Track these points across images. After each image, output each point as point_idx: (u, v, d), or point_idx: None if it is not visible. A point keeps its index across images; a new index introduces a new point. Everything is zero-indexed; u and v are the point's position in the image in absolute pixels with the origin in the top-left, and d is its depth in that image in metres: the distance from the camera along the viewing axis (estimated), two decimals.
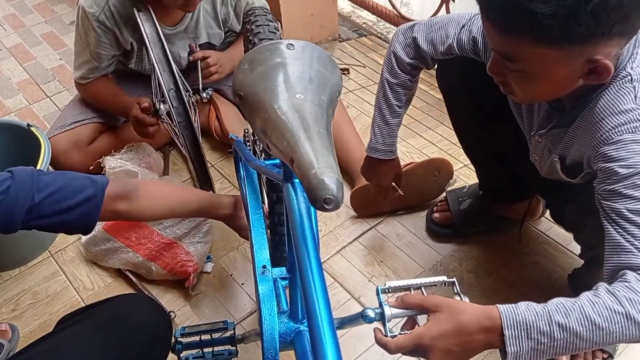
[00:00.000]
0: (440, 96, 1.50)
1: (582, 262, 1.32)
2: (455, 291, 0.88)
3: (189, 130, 1.51)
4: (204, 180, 1.60)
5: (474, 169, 1.71)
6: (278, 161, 1.01)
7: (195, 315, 1.45)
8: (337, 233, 1.65)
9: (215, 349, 1.19)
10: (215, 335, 1.19)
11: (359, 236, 1.64)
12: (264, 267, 0.99)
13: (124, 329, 0.95)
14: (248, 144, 1.32)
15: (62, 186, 0.92)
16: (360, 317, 0.86)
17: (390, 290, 0.88)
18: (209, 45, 1.77)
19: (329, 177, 0.63)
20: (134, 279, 1.52)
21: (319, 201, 0.63)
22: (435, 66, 1.34)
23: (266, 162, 1.09)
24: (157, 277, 1.50)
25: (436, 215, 1.61)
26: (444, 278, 0.89)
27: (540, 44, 0.84)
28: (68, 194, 0.92)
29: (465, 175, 1.78)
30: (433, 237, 1.62)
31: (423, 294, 0.88)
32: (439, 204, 1.64)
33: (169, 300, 1.49)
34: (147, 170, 1.64)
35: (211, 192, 1.69)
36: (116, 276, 1.55)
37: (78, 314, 1.00)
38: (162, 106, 1.54)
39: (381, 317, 0.85)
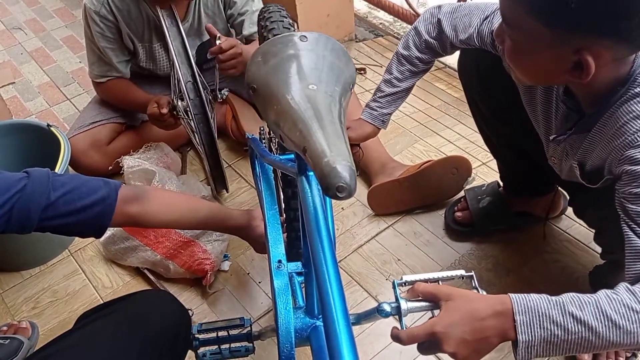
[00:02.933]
0: (459, 95, 1.50)
1: (603, 260, 1.29)
2: (473, 285, 0.87)
3: (204, 123, 1.51)
4: (217, 175, 1.60)
5: (492, 168, 1.70)
6: (292, 156, 1.01)
7: (212, 314, 1.45)
8: (354, 232, 1.64)
9: (232, 345, 1.19)
10: (232, 332, 1.19)
11: (376, 235, 1.63)
12: (280, 261, 0.99)
13: (146, 325, 0.94)
14: (263, 141, 1.32)
15: (77, 186, 0.93)
16: (377, 312, 0.85)
17: (406, 284, 0.87)
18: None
19: (341, 164, 0.62)
20: (152, 277, 1.52)
21: (332, 189, 0.62)
22: (455, 55, 1.33)
23: (280, 157, 1.08)
24: (175, 275, 1.50)
25: (458, 214, 1.59)
26: (462, 272, 0.88)
27: (532, 15, 0.84)
28: (83, 193, 0.93)
29: (483, 173, 1.76)
30: (451, 235, 1.60)
31: None
32: (458, 204, 1.62)
33: (186, 298, 1.49)
34: (165, 169, 1.64)
35: (225, 190, 1.69)
36: (134, 275, 1.55)
37: (98, 310, 0.99)
38: (179, 103, 1.55)
39: (397, 311, 0.84)
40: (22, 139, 1.66)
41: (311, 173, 0.85)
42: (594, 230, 1.22)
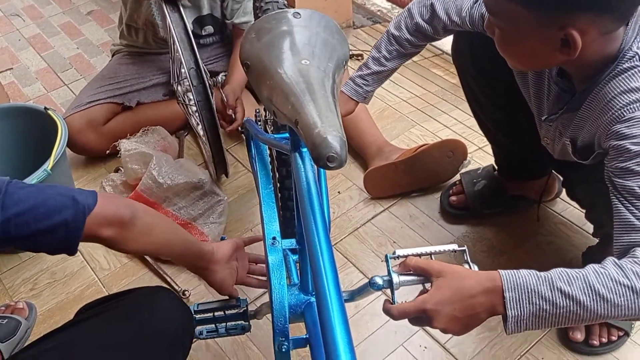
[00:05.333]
0: (456, 81, 1.51)
1: (597, 241, 1.30)
2: (465, 259, 0.88)
3: (207, 109, 1.51)
4: (219, 161, 1.61)
5: (488, 152, 1.70)
6: (287, 134, 1.02)
7: (209, 295, 1.46)
8: (351, 215, 1.65)
9: (228, 324, 1.20)
10: (229, 312, 1.20)
11: (372, 218, 1.64)
12: (274, 238, 1.00)
13: (141, 328, 0.91)
14: (259, 123, 1.33)
15: (35, 205, 0.79)
16: (369, 285, 0.86)
17: (399, 258, 0.88)
18: (211, 18, 1.79)
19: (332, 135, 0.63)
20: (149, 259, 1.53)
21: (322, 159, 0.63)
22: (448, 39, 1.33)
23: (275, 135, 1.09)
24: None
25: (453, 198, 1.60)
26: (454, 246, 0.89)
27: (511, 0, 0.86)
28: (40, 215, 0.79)
29: (479, 157, 1.76)
30: (447, 218, 1.61)
31: None
32: (454, 187, 1.63)
33: (183, 279, 1.50)
34: (162, 153, 1.65)
35: (225, 175, 1.70)
36: (132, 257, 1.56)
37: (99, 304, 0.97)
38: (179, 88, 1.55)
39: (389, 285, 0.85)
40: (19, 122, 1.66)
41: (305, 149, 0.86)
42: (585, 211, 1.23)
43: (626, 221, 0.85)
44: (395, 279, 0.85)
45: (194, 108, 1.52)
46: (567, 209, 1.58)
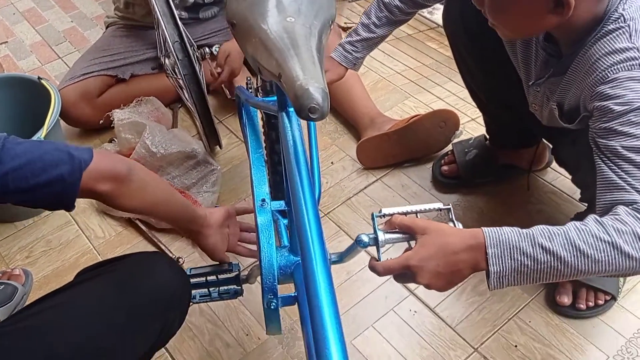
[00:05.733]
0: (449, 54, 1.51)
1: (585, 208, 1.32)
2: (450, 217, 0.89)
3: (194, 82, 1.52)
4: (210, 132, 1.62)
5: (480, 123, 1.71)
6: (275, 98, 1.03)
7: (203, 262, 1.46)
8: (343, 185, 1.66)
9: (221, 288, 1.22)
10: (221, 277, 1.22)
11: (365, 188, 1.65)
12: (263, 200, 1.01)
13: (137, 291, 0.92)
14: (250, 90, 1.34)
15: (31, 160, 0.81)
16: (355, 243, 0.88)
17: (385, 216, 0.89)
18: None
19: (314, 87, 0.64)
20: (143, 227, 1.55)
21: (304, 110, 0.64)
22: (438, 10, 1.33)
23: (264, 98, 1.10)
24: (166, 225, 1.53)
25: (445, 168, 1.61)
26: (439, 205, 0.90)
27: None
28: (37, 169, 0.81)
29: (471, 128, 1.78)
30: (438, 187, 1.63)
31: None
32: (446, 157, 1.64)
33: (177, 247, 1.52)
34: (156, 123, 1.66)
35: (219, 146, 1.72)
36: (126, 225, 1.58)
37: (97, 268, 0.98)
38: (167, 61, 1.56)
39: (375, 242, 0.86)
40: (13, 92, 1.67)
41: (291, 109, 0.88)
42: (572, 176, 1.24)
43: (608, 180, 0.86)
44: (381, 236, 0.87)
45: (182, 82, 1.52)
46: (558, 179, 1.60)
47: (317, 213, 0.76)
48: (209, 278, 1.20)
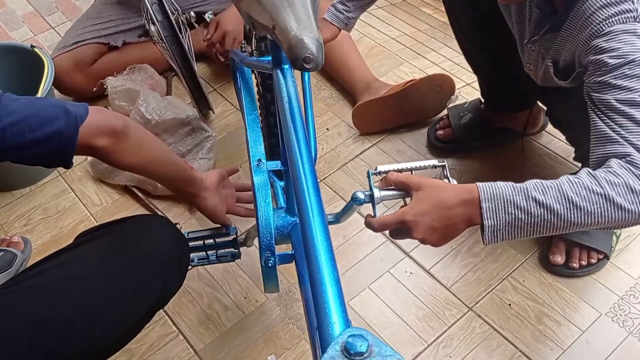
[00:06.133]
0: (445, 19, 1.50)
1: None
2: (445, 174, 0.90)
3: (177, 45, 1.51)
4: (199, 97, 1.61)
5: (476, 88, 1.71)
6: (269, 58, 1.02)
7: (200, 228, 1.49)
8: (339, 151, 1.67)
9: (219, 251, 1.23)
10: (219, 240, 1.23)
11: (361, 153, 1.65)
12: (259, 160, 1.02)
13: (137, 251, 0.94)
14: (245, 53, 1.33)
15: (29, 115, 0.81)
16: (352, 200, 0.89)
17: (380, 174, 0.90)
18: None
19: (308, 37, 0.64)
20: (140, 194, 1.56)
21: (299, 60, 0.64)
22: None
23: (258, 58, 1.10)
24: (163, 192, 1.53)
25: (440, 132, 1.62)
26: (434, 162, 0.91)
27: None
28: (34, 125, 0.81)
29: (467, 93, 1.77)
30: (434, 152, 1.63)
31: None
32: (441, 121, 1.64)
33: (175, 213, 1.53)
34: (150, 90, 1.65)
35: (211, 112, 1.71)
36: (123, 193, 1.59)
37: (98, 230, 0.99)
38: (152, 27, 1.54)
39: (370, 199, 0.87)
40: (5, 61, 1.65)
41: (286, 66, 0.87)
42: (566, 135, 1.25)
43: (602, 133, 0.87)
44: (377, 193, 0.87)
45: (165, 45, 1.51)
46: (552, 142, 1.60)
47: (313, 169, 0.77)
48: (206, 241, 1.21)
